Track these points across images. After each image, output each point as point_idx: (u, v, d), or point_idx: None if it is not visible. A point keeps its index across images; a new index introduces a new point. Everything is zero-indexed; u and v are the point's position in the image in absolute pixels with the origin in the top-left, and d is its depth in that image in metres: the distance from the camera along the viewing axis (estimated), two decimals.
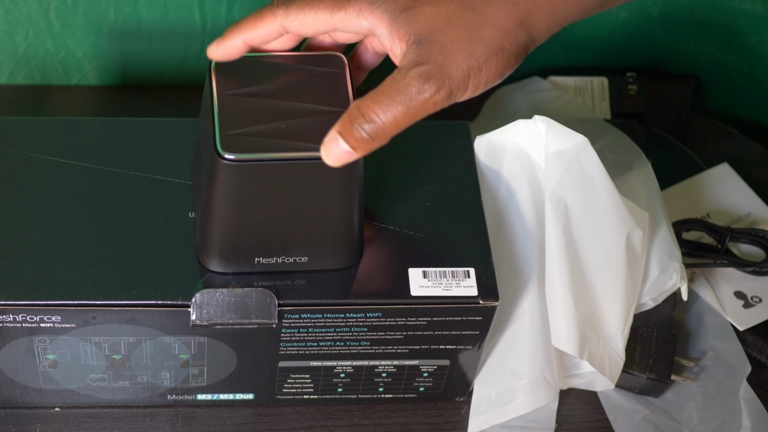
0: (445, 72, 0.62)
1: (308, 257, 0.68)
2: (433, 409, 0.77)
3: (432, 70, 0.61)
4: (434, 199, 0.73)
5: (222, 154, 0.62)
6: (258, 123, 0.64)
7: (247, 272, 0.68)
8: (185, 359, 0.71)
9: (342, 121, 0.62)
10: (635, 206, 0.75)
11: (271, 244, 0.67)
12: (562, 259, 0.72)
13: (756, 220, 0.88)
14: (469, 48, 0.62)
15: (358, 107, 0.62)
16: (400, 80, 0.62)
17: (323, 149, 0.63)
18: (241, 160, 0.62)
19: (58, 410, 0.74)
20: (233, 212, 0.65)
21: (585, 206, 0.73)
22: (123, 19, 0.90)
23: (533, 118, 0.74)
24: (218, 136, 0.63)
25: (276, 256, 0.68)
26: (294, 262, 0.68)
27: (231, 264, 0.68)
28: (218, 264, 0.68)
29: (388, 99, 0.62)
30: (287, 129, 0.64)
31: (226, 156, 0.62)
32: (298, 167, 0.63)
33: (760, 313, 0.82)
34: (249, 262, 0.68)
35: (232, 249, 0.67)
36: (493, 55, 0.62)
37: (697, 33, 0.96)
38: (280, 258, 0.68)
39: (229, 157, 0.62)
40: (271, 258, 0.68)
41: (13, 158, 0.72)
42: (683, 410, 0.77)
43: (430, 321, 0.70)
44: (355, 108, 0.62)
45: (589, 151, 0.72)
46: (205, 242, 0.67)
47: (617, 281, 0.73)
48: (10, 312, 0.66)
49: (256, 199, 0.64)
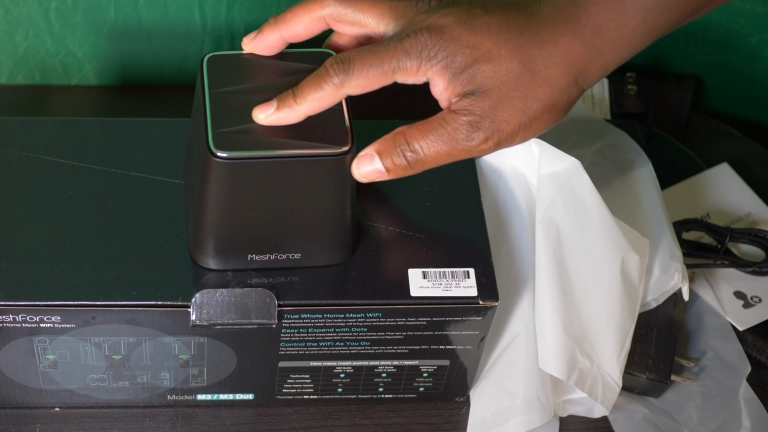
0: (496, 126, 0.63)
1: (301, 254, 0.68)
2: (433, 409, 0.77)
3: (483, 122, 0.63)
4: (434, 199, 0.73)
5: (214, 152, 0.63)
6: (250, 120, 0.64)
7: (240, 269, 0.68)
8: (185, 359, 0.71)
9: (384, 141, 0.64)
10: (633, 231, 0.75)
11: (264, 241, 0.67)
12: (552, 281, 0.72)
13: (756, 220, 0.88)
14: (524, 106, 0.64)
15: (405, 134, 0.64)
16: (450, 122, 0.63)
17: (355, 162, 0.64)
18: (233, 158, 0.62)
19: (57, 410, 0.74)
20: (226, 210, 0.65)
21: (577, 229, 0.73)
22: (123, 19, 0.90)
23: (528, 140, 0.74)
24: (210, 134, 0.63)
25: (269, 253, 0.68)
26: (287, 258, 0.68)
27: (224, 261, 0.68)
28: (211, 261, 0.68)
29: (435, 135, 0.64)
30: (279, 126, 0.64)
31: (218, 154, 0.62)
32: (291, 165, 0.63)
33: (760, 313, 0.82)
34: (242, 259, 0.68)
35: (225, 246, 0.67)
36: (546, 111, 0.64)
37: (697, 33, 0.96)
38: (273, 255, 0.68)
39: (221, 155, 0.62)
40: (264, 255, 0.68)
41: (13, 158, 0.72)
42: (683, 410, 0.77)
43: (430, 321, 0.70)
44: (401, 134, 0.64)
45: (581, 174, 0.72)
46: (198, 239, 0.67)
47: (612, 306, 0.73)
48: (10, 312, 0.66)
49: (249, 197, 0.65)
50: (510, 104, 0.63)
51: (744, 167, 0.91)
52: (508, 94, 0.63)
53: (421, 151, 0.64)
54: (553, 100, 0.64)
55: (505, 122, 0.64)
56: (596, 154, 0.85)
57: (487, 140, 0.64)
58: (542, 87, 0.64)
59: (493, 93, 0.63)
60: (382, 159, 0.64)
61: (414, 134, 0.64)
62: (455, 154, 0.64)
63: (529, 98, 0.64)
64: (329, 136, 0.64)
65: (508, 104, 0.63)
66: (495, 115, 0.63)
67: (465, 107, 0.63)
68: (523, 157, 0.75)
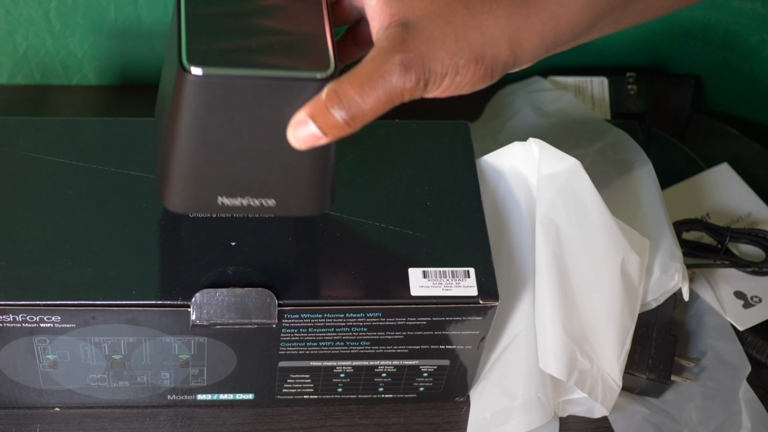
0: (428, 65, 0.60)
1: (275, 199, 0.65)
2: (433, 409, 0.77)
3: (415, 60, 0.59)
4: (434, 199, 0.73)
5: (188, 68, 0.58)
6: (228, 39, 0.60)
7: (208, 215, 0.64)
8: (185, 359, 0.71)
9: (314, 103, 0.60)
10: (633, 231, 0.75)
11: (236, 181, 0.64)
12: (552, 281, 0.72)
13: (756, 220, 0.88)
14: (455, 47, 0.60)
15: (336, 91, 0.59)
16: (381, 65, 0.59)
17: (290, 129, 0.60)
18: (208, 75, 0.59)
19: (58, 410, 0.74)
20: (196, 138, 0.61)
21: (577, 229, 0.72)
22: (123, 19, 0.90)
23: (528, 141, 0.74)
24: (184, 49, 0.59)
25: (240, 196, 0.64)
26: (260, 205, 0.65)
27: (191, 202, 0.65)
28: (177, 201, 0.65)
29: (369, 84, 0.59)
30: (258, 48, 0.60)
31: (192, 71, 0.59)
32: (269, 87, 0.59)
33: (760, 313, 0.82)
34: (211, 201, 0.64)
35: (193, 183, 0.64)
36: (474, 61, 0.61)
37: (697, 33, 0.96)
38: (245, 199, 0.65)
39: (195, 73, 0.59)
40: (235, 198, 0.65)
41: (13, 158, 0.72)
42: (683, 410, 0.77)
43: (430, 321, 0.70)
44: (333, 91, 0.59)
45: (581, 174, 0.72)
46: (164, 175, 0.64)
47: (612, 306, 0.73)
48: (10, 312, 0.66)
49: (222, 125, 0.61)
50: (441, 42, 0.60)
51: (744, 167, 0.91)
52: (441, 30, 0.60)
53: (357, 106, 0.59)
54: (483, 50, 0.61)
55: (437, 62, 0.60)
56: (596, 154, 0.85)
57: (419, 81, 0.60)
58: (474, 31, 0.61)
59: (425, 25, 0.60)
60: (316, 122, 0.59)
61: (346, 88, 0.59)
62: (390, 101, 0.60)
63: (461, 39, 0.60)
64: (312, 61, 0.60)
65: (439, 41, 0.60)
66: (426, 53, 0.60)
67: (394, 42, 0.60)
68: (523, 157, 0.75)
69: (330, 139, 0.60)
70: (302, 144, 0.60)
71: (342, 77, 0.59)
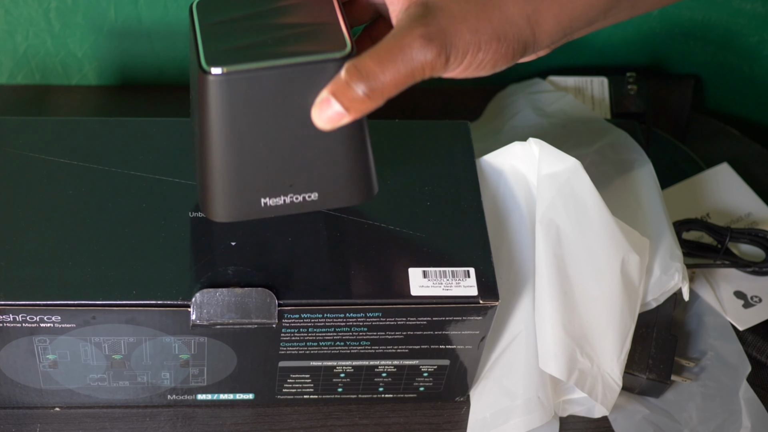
0: (449, 39, 0.60)
1: (318, 193, 0.65)
2: (433, 409, 0.77)
3: (436, 34, 0.59)
4: (434, 199, 0.73)
5: (207, 70, 0.59)
6: (244, 39, 0.60)
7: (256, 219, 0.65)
8: (185, 359, 0.71)
9: (335, 81, 0.60)
10: (634, 231, 0.75)
11: (276, 179, 0.64)
12: (552, 281, 0.72)
13: (756, 220, 0.88)
14: (476, 23, 0.60)
15: (355, 65, 0.59)
16: (401, 38, 0.59)
17: (314, 111, 0.60)
18: (229, 73, 0.59)
19: (58, 410, 0.74)
20: (228, 140, 0.61)
21: (577, 229, 0.72)
22: (123, 19, 0.90)
23: (528, 141, 0.74)
24: (202, 54, 0.60)
25: (283, 194, 0.65)
26: (303, 200, 0.65)
27: (236, 209, 0.65)
28: (221, 211, 0.65)
29: (389, 57, 0.59)
30: (275, 42, 0.60)
31: (212, 71, 0.59)
32: (290, 75, 0.60)
33: (760, 313, 0.82)
34: (255, 205, 0.65)
35: (233, 188, 0.64)
36: (495, 39, 0.61)
37: (697, 33, 0.96)
38: (288, 196, 0.65)
39: (216, 72, 0.59)
40: (278, 197, 0.65)
41: (13, 158, 0.72)
42: (683, 410, 0.77)
43: (430, 321, 0.70)
44: (352, 66, 0.59)
45: (581, 174, 0.72)
46: (204, 187, 0.64)
47: (612, 306, 0.73)
48: (10, 312, 0.66)
49: (251, 122, 0.61)
50: (462, 17, 0.60)
51: (744, 167, 0.91)
52: (462, 7, 0.60)
53: (377, 78, 0.59)
54: (504, 29, 0.61)
55: (458, 36, 0.59)
56: (596, 154, 0.85)
57: (440, 54, 0.59)
58: (495, 9, 0.61)
59: (446, 4, 0.60)
60: (338, 99, 0.59)
61: (366, 63, 0.59)
62: (411, 75, 0.59)
63: (481, 17, 0.60)
64: (329, 44, 0.61)
65: (460, 17, 0.60)
66: (447, 27, 0.60)
67: (415, 18, 0.60)
68: (523, 157, 0.75)
69: (353, 115, 0.60)
70: (327, 124, 0.60)
71: (362, 54, 0.59)
